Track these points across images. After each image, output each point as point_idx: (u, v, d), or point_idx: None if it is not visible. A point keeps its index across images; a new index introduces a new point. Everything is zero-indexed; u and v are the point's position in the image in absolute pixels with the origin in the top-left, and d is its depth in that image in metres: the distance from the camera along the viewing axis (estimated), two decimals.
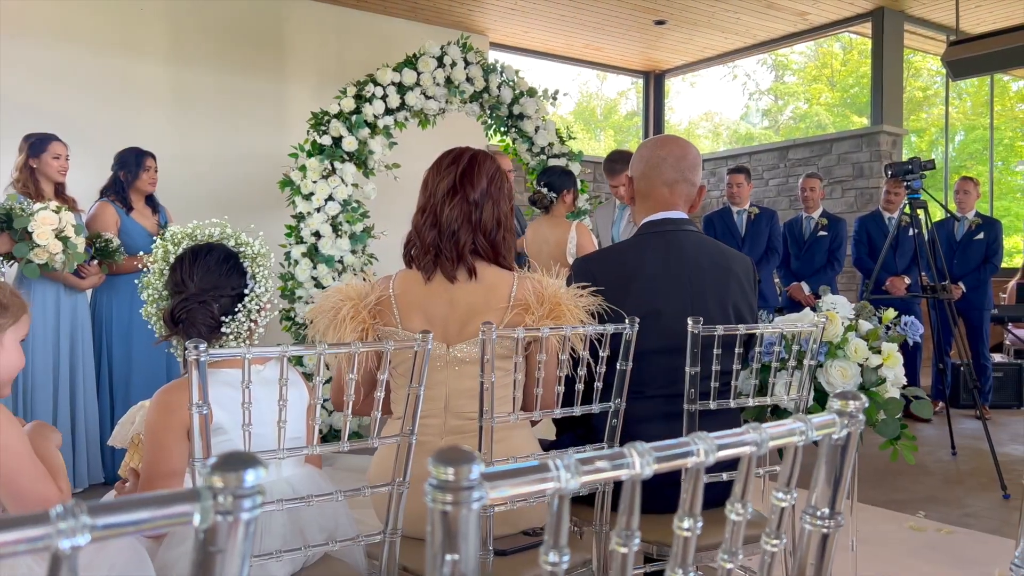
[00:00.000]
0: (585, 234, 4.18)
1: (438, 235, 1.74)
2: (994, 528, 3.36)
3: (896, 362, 2.07)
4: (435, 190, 1.78)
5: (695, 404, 1.75)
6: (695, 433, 0.52)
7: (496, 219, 1.78)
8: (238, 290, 1.61)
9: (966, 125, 16.62)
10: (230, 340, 1.59)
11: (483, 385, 1.49)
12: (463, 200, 1.75)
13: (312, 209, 4.62)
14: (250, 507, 0.39)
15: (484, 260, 1.77)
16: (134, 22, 5.83)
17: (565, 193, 4.23)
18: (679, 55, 8.61)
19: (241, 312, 1.59)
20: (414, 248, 1.80)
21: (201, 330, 1.57)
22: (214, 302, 1.58)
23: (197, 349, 1.17)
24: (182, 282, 1.59)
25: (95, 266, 3.84)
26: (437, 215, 1.75)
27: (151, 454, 1.52)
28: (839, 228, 5.74)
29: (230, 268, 1.62)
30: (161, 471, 1.50)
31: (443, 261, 1.74)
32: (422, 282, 1.76)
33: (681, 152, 2.09)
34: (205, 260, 1.61)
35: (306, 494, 1.58)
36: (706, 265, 2.01)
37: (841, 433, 0.63)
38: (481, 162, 1.80)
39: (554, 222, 4.22)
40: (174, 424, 1.52)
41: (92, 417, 3.85)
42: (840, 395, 0.64)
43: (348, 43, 6.83)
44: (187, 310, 1.56)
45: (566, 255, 4.15)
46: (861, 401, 0.63)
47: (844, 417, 0.63)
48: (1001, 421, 5.68)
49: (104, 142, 5.07)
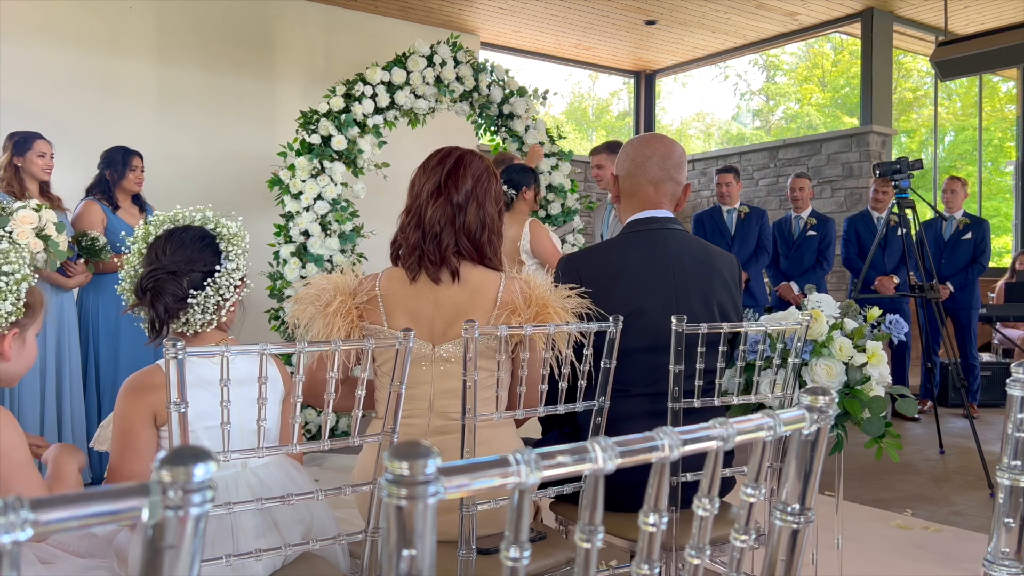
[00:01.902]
0: (539, 231, 4.12)
1: (422, 236, 1.74)
2: (981, 526, 3.37)
3: (881, 360, 2.07)
4: (420, 191, 1.78)
5: (679, 402, 1.75)
6: (660, 428, 0.51)
7: (480, 221, 1.77)
8: (210, 267, 1.61)
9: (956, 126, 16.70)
10: (196, 313, 1.58)
11: (466, 384, 1.48)
12: (447, 202, 1.74)
13: (301, 208, 4.61)
14: (200, 502, 0.39)
15: (469, 261, 1.76)
16: (121, 20, 5.81)
17: (525, 190, 4.20)
18: (670, 55, 8.62)
19: (210, 286, 1.58)
20: (400, 248, 1.80)
21: (168, 300, 1.56)
22: (184, 276, 1.58)
23: (175, 347, 1.16)
24: (155, 256, 1.60)
25: (81, 265, 3.82)
26: (421, 216, 1.75)
27: (118, 440, 1.52)
28: (828, 228, 5.76)
29: (204, 246, 1.62)
30: (126, 457, 1.50)
31: (426, 263, 1.73)
32: (408, 281, 1.76)
33: (666, 151, 2.09)
34: (180, 236, 1.62)
35: (275, 484, 1.59)
36: (690, 263, 2.01)
37: (811, 428, 0.62)
38: (468, 163, 1.79)
39: (511, 219, 4.16)
40: (140, 409, 1.52)
41: (79, 417, 3.83)
42: (810, 390, 0.63)
43: (337, 42, 6.81)
44: (156, 279, 1.56)
45: (520, 254, 4.10)
46: (830, 396, 0.63)
47: (814, 412, 0.62)
48: (989, 420, 5.71)
49: (90, 140, 5.05)
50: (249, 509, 1.26)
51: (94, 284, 3.95)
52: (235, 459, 1.25)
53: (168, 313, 1.55)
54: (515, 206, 4.20)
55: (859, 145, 7.27)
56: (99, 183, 4.09)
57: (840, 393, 2.09)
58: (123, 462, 1.50)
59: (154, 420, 1.53)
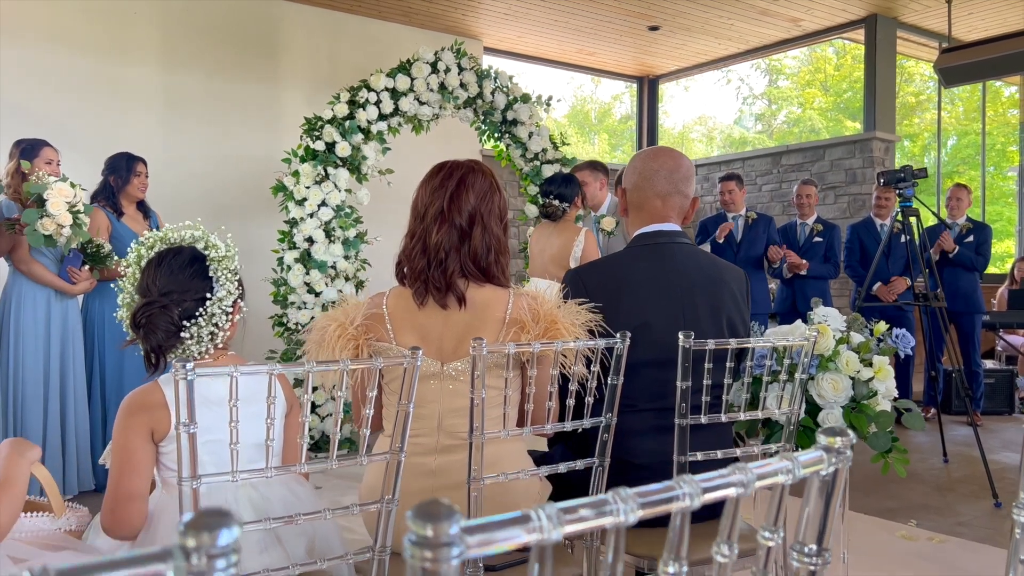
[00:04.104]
0: (592, 242, 4.24)
1: (427, 263, 1.72)
2: (985, 537, 3.37)
3: (887, 375, 2.07)
4: (424, 213, 1.76)
5: (686, 419, 1.74)
6: (680, 476, 0.51)
7: (486, 244, 1.75)
8: (201, 294, 1.60)
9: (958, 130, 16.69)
10: (191, 345, 1.58)
11: (473, 401, 1.48)
12: (451, 227, 1.73)
13: (305, 214, 4.61)
14: (224, 567, 0.38)
15: (476, 282, 1.76)
16: (126, 25, 5.81)
17: (576, 200, 4.33)
18: (673, 60, 8.63)
19: (202, 316, 1.58)
20: (404, 268, 1.79)
21: (160, 336, 1.56)
22: (175, 307, 1.57)
23: (184, 368, 1.16)
24: (147, 287, 1.60)
25: (86, 271, 3.82)
26: (426, 242, 1.73)
27: (116, 456, 1.53)
28: (834, 234, 5.76)
29: (194, 272, 1.61)
30: (125, 473, 1.51)
31: (432, 289, 1.72)
32: (415, 304, 1.75)
33: (674, 164, 2.09)
34: (170, 263, 1.61)
35: (278, 498, 1.59)
36: (698, 277, 2.00)
37: (829, 470, 0.62)
38: (470, 184, 1.76)
39: (561, 227, 4.29)
40: (138, 427, 1.52)
41: (83, 424, 3.83)
42: (827, 431, 0.63)
43: (341, 47, 6.82)
44: (148, 314, 1.56)
45: (570, 259, 4.19)
46: (848, 437, 0.63)
47: (831, 454, 0.62)
48: (992, 427, 5.69)
49: (95, 145, 5.05)
50: (256, 529, 1.25)
51: (99, 291, 3.95)
52: (243, 479, 1.25)
53: (162, 348, 1.56)
54: (566, 216, 4.30)
55: (862, 151, 7.26)
56: (103, 189, 4.10)
57: (846, 408, 2.09)
58: (121, 478, 1.52)
59: (152, 436, 1.54)
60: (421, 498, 1.69)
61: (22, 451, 1.47)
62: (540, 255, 4.37)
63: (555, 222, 4.31)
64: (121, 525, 1.48)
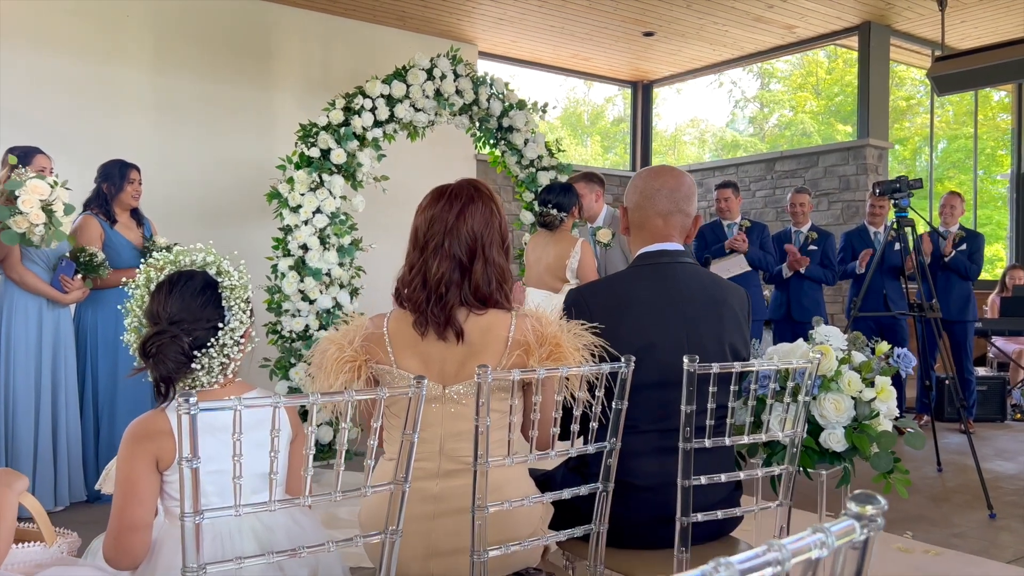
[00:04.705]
0: (589, 253, 4.23)
1: (427, 297, 1.70)
2: (981, 549, 3.38)
3: (890, 396, 2.06)
4: (424, 245, 1.73)
5: (691, 443, 1.73)
6: (715, 560, 0.50)
7: (487, 277, 1.72)
8: (213, 323, 1.57)
9: (948, 134, 16.78)
10: (201, 376, 1.56)
11: (478, 429, 1.47)
12: (452, 260, 1.70)
13: (300, 222, 4.59)
14: None
15: (477, 311, 1.73)
16: (119, 29, 5.77)
17: (573, 210, 4.31)
18: (667, 66, 8.64)
19: (213, 347, 1.56)
20: (403, 294, 1.76)
21: (169, 366, 1.53)
22: (186, 336, 1.54)
23: (188, 403, 1.14)
24: (156, 313, 1.56)
25: (79, 280, 3.78)
26: (426, 276, 1.71)
27: (120, 487, 1.50)
28: (828, 242, 5.78)
29: (206, 300, 1.58)
30: (128, 503, 1.49)
31: (431, 323, 1.70)
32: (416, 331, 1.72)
33: (675, 183, 2.08)
34: (181, 290, 1.57)
35: (281, 529, 1.57)
36: (701, 298, 1.99)
37: (860, 538, 0.61)
38: (470, 214, 1.72)
39: (558, 237, 4.27)
40: (142, 455, 1.50)
41: (74, 434, 3.79)
42: (858, 498, 0.62)
43: (335, 51, 6.79)
44: (157, 344, 1.53)
45: (565, 270, 4.17)
46: (880, 505, 0.62)
47: (863, 520, 0.61)
48: (984, 435, 5.72)
49: (87, 150, 5.01)
50: (259, 563, 1.24)
51: (92, 300, 3.92)
52: (246, 512, 1.23)
53: (172, 379, 1.53)
54: (563, 225, 4.28)
55: (856, 158, 7.29)
56: (96, 197, 4.06)
57: (848, 428, 2.08)
58: (125, 507, 1.49)
59: (156, 465, 1.51)
60: (422, 524, 1.68)
61: (9, 482, 1.44)
62: (536, 264, 4.36)
63: (552, 231, 4.30)
64: (124, 556, 1.46)
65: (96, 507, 3.71)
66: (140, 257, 4.05)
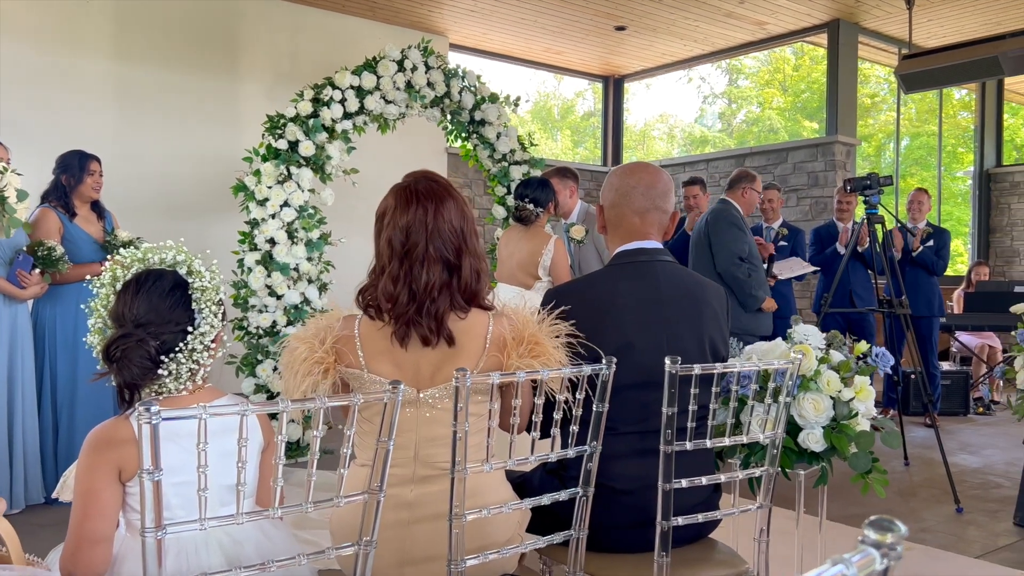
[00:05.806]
0: (562, 251, 4.18)
1: (417, 309, 1.61)
2: (948, 544, 3.41)
3: (869, 395, 2.05)
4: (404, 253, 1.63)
5: (672, 445, 1.70)
6: None
7: (476, 272, 1.67)
8: (182, 326, 1.48)
9: (911, 131, 17.05)
10: (168, 382, 1.47)
11: (456, 435, 1.41)
12: (441, 264, 1.63)
13: (267, 215, 4.48)
14: None
15: (462, 312, 1.67)
16: (78, 17, 5.59)
17: (549, 205, 4.27)
18: (638, 61, 8.63)
19: (182, 352, 1.47)
20: (375, 300, 1.66)
21: (134, 371, 1.44)
22: (153, 339, 1.45)
23: (148, 411, 1.07)
24: (121, 315, 1.47)
25: (37, 275, 3.65)
26: (413, 285, 1.61)
27: (80, 498, 1.41)
28: (799, 238, 5.81)
29: (175, 302, 1.49)
30: (89, 515, 1.40)
31: (419, 328, 1.62)
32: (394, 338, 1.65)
33: (651, 180, 2.04)
34: (149, 291, 1.48)
35: (249, 542, 1.50)
36: (680, 297, 1.96)
37: (880, 567, 0.57)
38: (447, 212, 1.65)
39: (532, 233, 4.22)
40: (104, 465, 1.41)
41: (32, 434, 3.67)
42: (875, 524, 0.58)
43: (303, 41, 6.66)
44: (122, 348, 1.43)
45: (538, 267, 4.13)
46: (900, 532, 0.58)
47: (882, 549, 0.58)
48: (949, 428, 5.81)
49: (46, 141, 4.85)
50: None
51: (51, 295, 3.78)
52: (212, 526, 1.16)
53: (137, 384, 1.45)
54: (538, 221, 4.23)
55: (824, 154, 7.35)
56: (55, 189, 3.92)
57: (826, 428, 2.07)
58: (85, 520, 1.40)
59: (119, 475, 1.43)
60: (396, 531, 1.63)
61: None
62: (508, 259, 4.31)
63: (526, 227, 4.25)
64: (83, 570, 1.38)
65: (54, 509, 3.58)
66: (101, 251, 3.92)
